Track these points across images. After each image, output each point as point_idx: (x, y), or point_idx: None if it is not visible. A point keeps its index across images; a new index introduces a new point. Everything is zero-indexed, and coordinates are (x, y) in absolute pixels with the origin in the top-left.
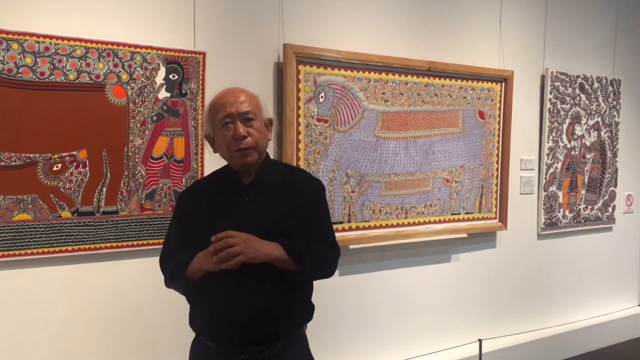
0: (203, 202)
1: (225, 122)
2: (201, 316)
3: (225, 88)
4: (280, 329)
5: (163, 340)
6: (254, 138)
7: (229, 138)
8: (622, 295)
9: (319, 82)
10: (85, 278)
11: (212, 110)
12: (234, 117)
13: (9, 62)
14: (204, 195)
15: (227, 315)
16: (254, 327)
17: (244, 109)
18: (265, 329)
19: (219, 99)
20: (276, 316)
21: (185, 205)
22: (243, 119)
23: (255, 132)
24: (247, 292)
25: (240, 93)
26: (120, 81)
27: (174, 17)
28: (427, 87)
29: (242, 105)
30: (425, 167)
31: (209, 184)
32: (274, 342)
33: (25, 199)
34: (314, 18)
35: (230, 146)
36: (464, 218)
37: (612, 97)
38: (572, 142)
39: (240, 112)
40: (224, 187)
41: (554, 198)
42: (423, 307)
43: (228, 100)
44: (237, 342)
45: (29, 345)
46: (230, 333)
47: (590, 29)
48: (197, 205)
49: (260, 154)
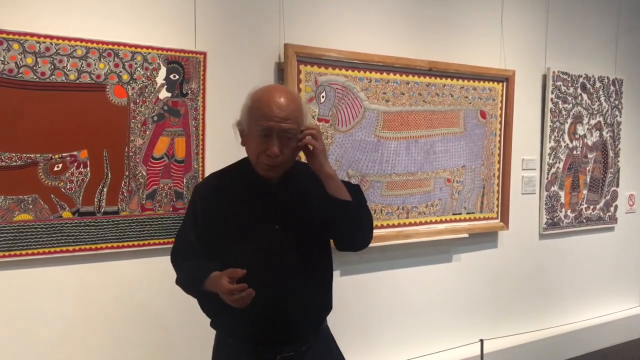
0: (222, 198)
1: (263, 134)
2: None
3: (272, 89)
4: (315, 324)
5: (163, 340)
6: (286, 157)
7: (261, 149)
8: (624, 295)
9: (319, 82)
10: (86, 278)
11: (252, 110)
12: (273, 132)
13: (10, 62)
14: (223, 190)
15: (263, 318)
16: (291, 326)
17: (286, 127)
18: (301, 327)
19: (264, 105)
20: (311, 312)
21: (202, 200)
22: (282, 137)
23: (288, 152)
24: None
25: (287, 106)
26: (121, 81)
27: (174, 17)
28: (429, 86)
29: (285, 123)
30: (427, 167)
31: (227, 179)
32: (308, 338)
33: (26, 199)
34: (315, 18)
35: (260, 157)
36: (466, 218)
37: (614, 96)
38: (573, 141)
39: (282, 129)
40: (246, 184)
41: (556, 198)
42: (424, 307)
43: (272, 113)
44: (273, 343)
45: (29, 345)
46: (266, 335)
47: (592, 28)
48: (215, 200)
49: (286, 168)
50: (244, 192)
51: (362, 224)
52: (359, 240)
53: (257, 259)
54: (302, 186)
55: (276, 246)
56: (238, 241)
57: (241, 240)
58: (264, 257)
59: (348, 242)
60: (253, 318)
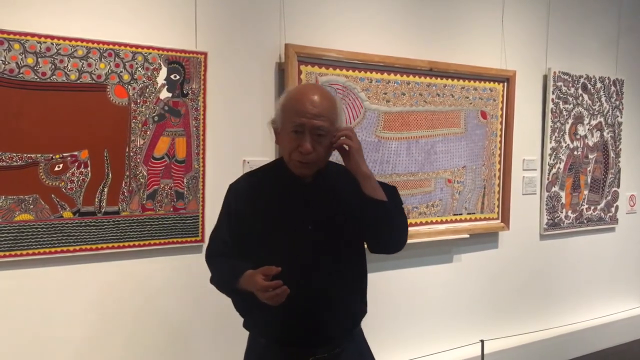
0: (255, 196)
1: (296, 130)
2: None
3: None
4: (348, 326)
5: (164, 340)
6: (318, 154)
7: (294, 146)
8: (625, 296)
9: (320, 82)
10: (86, 278)
11: (286, 107)
12: (305, 129)
13: (11, 62)
14: (257, 189)
15: (295, 318)
16: (323, 328)
17: (318, 124)
18: (333, 329)
19: (297, 102)
20: (343, 314)
21: (237, 199)
22: (314, 134)
23: (321, 149)
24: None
25: (320, 103)
26: (122, 81)
27: (175, 17)
28: (429, 87)
29: (317, 120)
30: (427, 168)
31: (260, 178)
32: (341, 340)
33: (26, 199)
34: (316, 18)
35: (292, 154)
36: (466, 218)
37: (614, 97)
38: (574, 142)
39: (314, 126)
40: (280, 184)
41: (557, 198)
42: (425, 308)
43: (305, 109)
44: (304, 344)
45: (30, 345)
46: (298, 336)
47: (593, 28)
48: (249, 199)
49: (320, 167)
50: (277, 191)
51: (397, 226)
52: (393, 242)
53: (290, 258)
54: (336, 186)
55: (309, 246)
56: (271, 240)
57: (274, 239)
58: (296, 257)
59: (382, 243)
60: (285, 318)
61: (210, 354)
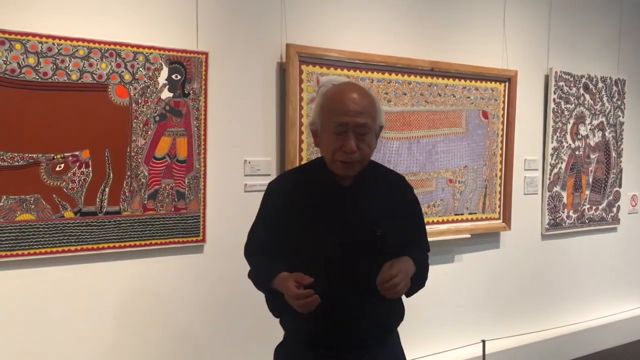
0: (293, 196)
1: (338, 131)
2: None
3: (344, 85)
4: (380, 332)
5: (165, 339)
6: (363, 153)
7: (337, 146)
8: (627, 296)
9: (321, 82)
10: (88, 278)
11: (325, 108)
12: (349, 128)
13: (12, 63)
14: (295, 188)
15: (325, 322)
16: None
17: (361, 122)
18: (364, 335)
19: (337, 101)
20: (375, 320)
21: (275, 199)
22: (357, 132)
23: (365, 147)
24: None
25: (360, 100)
26: (123, 81)
27: (176, 17)
28: (430, 87)
29: (360, 118)
30: (429, 168)
31: (300, 178)
32: (372, 346)
33: (28, 199)
34: (317, 18)
35: (335, 154)
36: (468, 218)
37: (616, 97)
38: (576, 142)
39: (357, 124)
40: (319, 186)
41: (558, 198)
42: (426, 308)
43: (347, 108)
44: (334, 348)
45: (31, 345)
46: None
47: (594, 28)
48: (287, 198)
49: (363, 165)
50: (315, 192)
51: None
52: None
53: (324, 261)
54: (374, 191)
55: (343, 251)
56: (306, 241)
57: (309, 240)
58: (330, 260)
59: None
60: (316, 322)
61: (210, 354)
